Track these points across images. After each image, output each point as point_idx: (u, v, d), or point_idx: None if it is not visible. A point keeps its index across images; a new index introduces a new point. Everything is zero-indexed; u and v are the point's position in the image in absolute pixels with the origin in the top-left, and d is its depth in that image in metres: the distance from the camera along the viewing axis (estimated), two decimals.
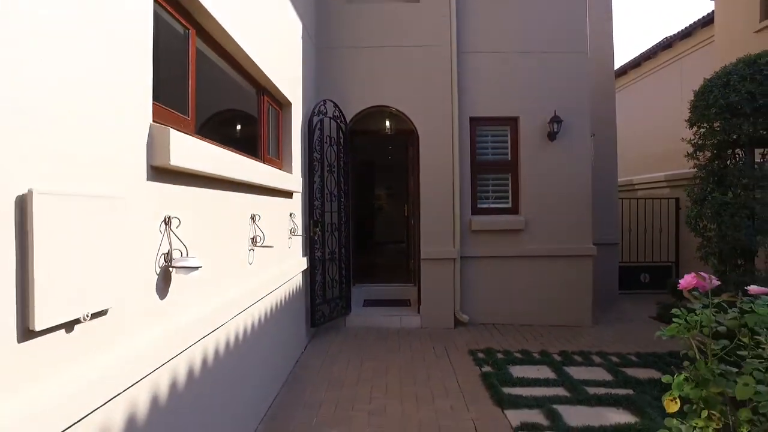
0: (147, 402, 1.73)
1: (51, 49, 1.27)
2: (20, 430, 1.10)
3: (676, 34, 11.68)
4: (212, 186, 2.38)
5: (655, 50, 12.61)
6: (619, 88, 14.29)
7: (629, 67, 14.17)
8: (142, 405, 1.69)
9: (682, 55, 11.66)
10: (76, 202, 1.32)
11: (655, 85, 12.81)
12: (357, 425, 3.16)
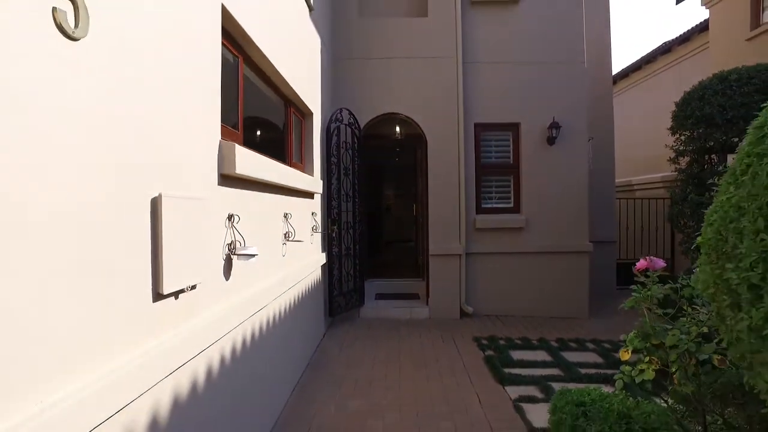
0: (231, 349, 2.20)
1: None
2: (158, 359, 1.57)
3: (675, 38, 12.03)
4: (258, 189, 2.85)
5: (654, 54, 12.99)
6: (621, 90, 14.70)
7: (630, 70, 14.54)
8: (230, 350, 2.16)
9: (681, 60, 12.02)
10: (182, 203, 1.79)
11: (655, 88, 13.16)
12: (376, 397, 3.62)
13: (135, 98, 1.54)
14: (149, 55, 1.63)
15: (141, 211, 1.57)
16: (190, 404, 1.87)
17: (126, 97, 1.49)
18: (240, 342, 2.49)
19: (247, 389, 2.61)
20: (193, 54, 2.00)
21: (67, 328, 1.21)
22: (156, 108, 1.67)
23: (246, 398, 2.59)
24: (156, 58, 1.68)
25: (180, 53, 1.87)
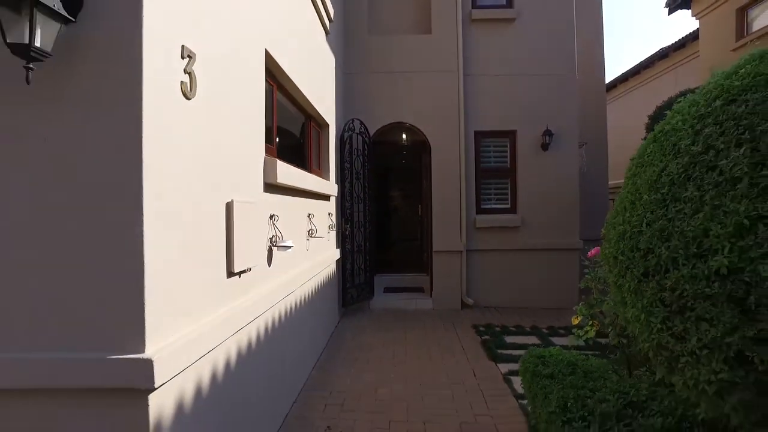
0: (271, 322, 2.81)
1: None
2: (228, 321, 2.18)
3: (671, 45, 12.52)
4: (289, 194, 3.46)
5: (652, 60, 13.50)
6: (620, 94, 15.21)
7: (630, 74, 15.07)
8: (274, 321, 2.78)
9: (677, 65, 12.52)
10: (243, 206, 2.40)
11: (653, 91, 13.63)
12: (385, 372, 4.22)
13: (219, 133, 2.15)
14: (226, 103, 2.24)
15: (221, 211, 2.18)
16: (244, 358, 2.49)
17: (214, 133, 2.10)
18: (277, 316, 3.10)
19: (283, 355, 3.22)
20: (249, 96, 2.62)
21: (183, 286, 1.83)
22: (229, 138, 2.29)
23: (281, 362, 3.20)
24: (230, 105, 2.29)
25: (241, 97, 2.49)
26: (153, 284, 1.60)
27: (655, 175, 1.37)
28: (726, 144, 1.16)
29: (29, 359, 1.53)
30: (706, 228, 1.11)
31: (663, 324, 1.26)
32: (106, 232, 1.55)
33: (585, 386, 2.13)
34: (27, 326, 1.55)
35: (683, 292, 1.16)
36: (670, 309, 1.23)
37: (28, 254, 1.56)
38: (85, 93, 1.56)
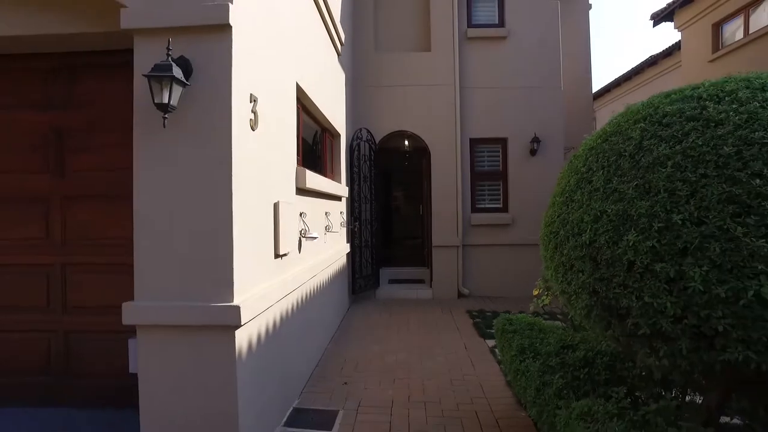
0: (298, 298, 3.61)
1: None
2: (277, 289, 2.97)
3: (660, 53, 13.23)
4: (313, 195, 4.25)
5: (642, 66, 14.22)
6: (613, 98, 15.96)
7: (622, 80, 15.78)
8: (302, 296, 3.57)
9: (665, 72, 13.23)
10: (284, 205, 3.20)
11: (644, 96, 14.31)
12: (390, 345, 5.01)
13: (269, 151, 2.95)
14: (273, 128, 3.04)
15: (270, 210, 2.98)
16: (285, 320, 3.28)
17: (266, 152, 2.90)
18: (305, 293, 3.90)
19: (309, 323, 4.02)
20: (286, 121, 3.41)
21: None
22: (275, 155, 3.09)
23: (308, 329, 4.00)
24: (275, 129, 3.09)
25: (282, 123, 3.28)
26: (237, 259, 2.40)
27: (564, 185, 2.15)
28: (597, 167, 1.93)
29: (174, 306, 2.34)
30: (582, 218, 1.88)
31: (563, 277, 2.04)
32: (214, 223, 2.35)
33: (537, 337, 2.91)
34: (169, 290, 2.36)
35: (570, 256, 1.93)
36: (565, 267, 2.00)
37: (168, 242, 2.36)
38: (196, 128, 2.36)
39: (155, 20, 2.35)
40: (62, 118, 2.99)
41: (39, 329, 3.00)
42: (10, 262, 2.99)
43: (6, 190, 2.99)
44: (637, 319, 1.66)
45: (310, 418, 3.21)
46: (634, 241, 1.63)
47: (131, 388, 2.76)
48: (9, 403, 2.98)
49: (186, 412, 2.40)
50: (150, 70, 2.17)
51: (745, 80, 1.75)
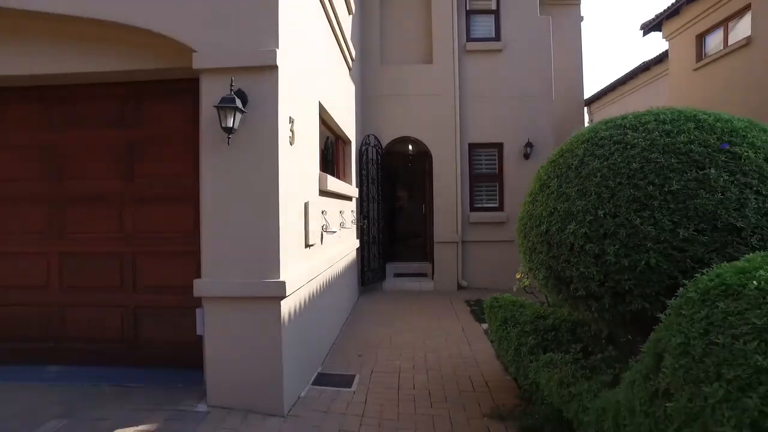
0: (322, 281, 4.31)
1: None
2: (306, 272, 3.67)
3: (652, 59, 13.87)
4: (330, 196, 4.95)
5: (636, 72, 14.87)
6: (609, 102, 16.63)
7: (618, 84, 16.42)
8: (325, 280, 4.26)
9: (657, 77, 13.86)
10: (311, 205, 3.90)
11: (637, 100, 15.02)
12: (396, 327, 5.70)
13: (301, 161, 3.65)
14: (303, 142, 3.74)
15: (302, 208, 3.68)
16: (312, 299, 3.98)
17: (300, 161, 3.60)
18: (326, 279, 4.60)
19: (329, 305, 4.72)
20: (312, 135, 4.11)
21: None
22: (305, 163, 3.79)
23: (328, 310, 4.70)
24: (305, 142, 3.79)
25: (309, 136, 3.98)
26: (281, 246, 3.10)
27: (532, 189, 2.84)
28: (553, 176, 2.62)
29: (237, 282, 3.05)
30: (541, 213, 2.57)
31: (529, 257, 2.73)
32: (264, 218, 3.06)
33: (517, 311, 3.60)
34: (229, 269, 3.07)
35: (533, 241, 2.62)
36: (531, 250, 2.69)
37: (230, 233, 3.07)
38: (249, 145, 3.06)
39: (219, 62, 3.05)
40: (132, 134, 3.70)
41: (115, 305, 3.72)
42: (95, 251, 3.70)
43: (90, 193, 3.70)
44: (576, 284, 2.35)
45: (332, 380, 3.91)
46: (574, 229, 2.32)
47: (185, 352, 3.49)
48: (90, 362, 3.69)
49: (241, 366, 3.10)
50: (219, 102, 2.87)
51: (655, 114, 2.44)
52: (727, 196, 2.03)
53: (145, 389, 3.37)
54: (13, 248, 3.78)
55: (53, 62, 3.42)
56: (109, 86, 3.68)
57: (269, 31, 3.06)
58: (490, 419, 3.18)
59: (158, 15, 3.11)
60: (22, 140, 3.77)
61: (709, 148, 2.17)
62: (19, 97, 3.74)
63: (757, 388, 1.27)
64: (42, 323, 3.77)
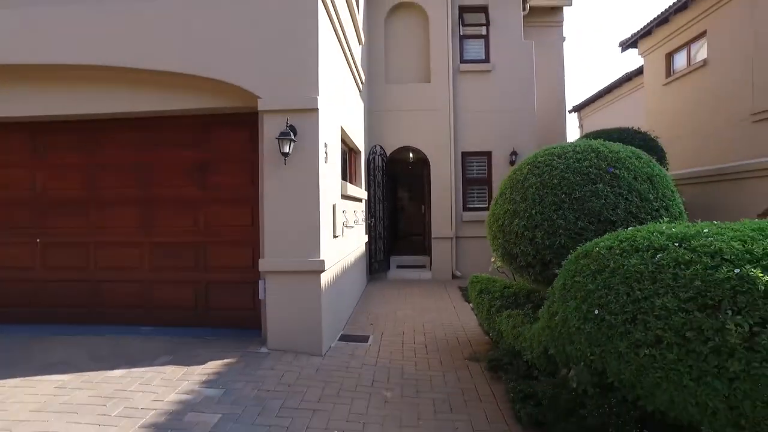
0: (343, 265, 5.57)
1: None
2: (335, 256, 4.94)
3: (633, 71, 15.11)
4: (348, 199, 6.22)
5: (620, 81, 16.14)
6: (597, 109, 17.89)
7: (604, 92, 17.73)
8: (345, 264, 5.53)
9: (639, 87, 15.08)
10: (337, 205, 5.16)
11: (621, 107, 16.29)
12: (399, 306, 6.97)
13: (331, 173, 4.91)
14: (333, 158, 5.00)
15: (331, 208, 4.95)
16: (337, 277, 5.24)
17: (330, 173, 4.86)
18: (345, 264, 5.85)
19: (348, 285, 5.98)
20: (336, 150, 5.38)
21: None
22: (333, 174, 5.05)
23: (348, 290, 5.96)
24: (332, 158, 5.05)
25: (335, 154, 5.24)
26: (321, 234, 4.37)
27: (496, 196, 4.11)
28: (508, 187, 3.88)
29: (295, 258, 4.31)
30: (500, 212, 3.82)
31: (493, 242, 3.99)
32: (309, 218, 4.33)
33: (490, 284, 4.86)
34: (283, 252, 4.34)
35: (495, 231, 3.87)
36: (494, 237, 3.95)
37: (284, 226, 4.33)
38: (299, 164, 4.33)
39: (276, 106, 4.32)
40: (203, 154, 4.96)
41: (191, 281, 4.98)
42: (176, 241, 4.97)
43: (175, 197, 4.97)
44: (520, 258, 3.62)
45: (352, 338, 5.17)
46: (518, 222, 3.59)
47: (243, 316, 4.76)
48: (172, 324, 4.96)
49: (291, 321, 4.37)
50: (279, 135, 4.14)
51: (573, 146, 3.71)
52: (608, 201, 3.31)
53: (218, 341, 4.64)
54: (116, 239, 5.06)
55: (151, 102, 4.69)
56: (186, 118, 4.94)
57: (312, 83, 4.33)
58: (468, 360, 4.44)
59: (233, 71, 4.37)
60: (123, 159, 5.04)
61: (600, 170, 3.44)
62: (122, 127, 5.01)
63: (587, 299, 2.54)
64: (137, 294, 5.05)
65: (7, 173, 5.16)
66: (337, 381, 3.82)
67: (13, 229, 5.16)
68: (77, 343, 4.57)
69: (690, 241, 2.32)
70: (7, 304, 5.14)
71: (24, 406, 3.21)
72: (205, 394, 3.45)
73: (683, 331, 2.06)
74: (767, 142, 8.07)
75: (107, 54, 4.46)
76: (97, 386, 3.56)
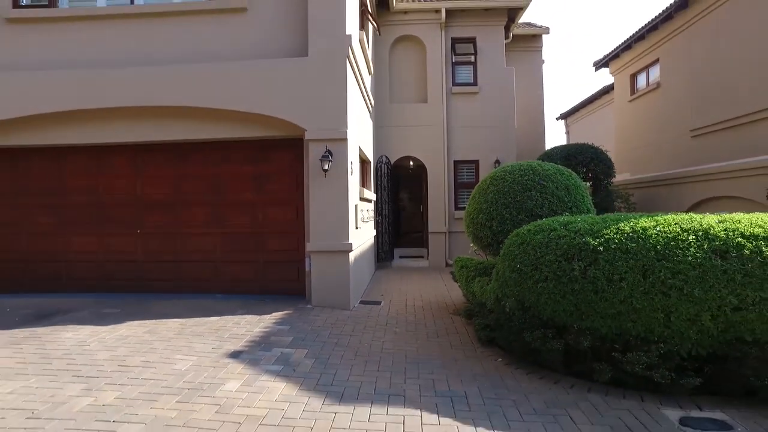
0: (362, 250, 7.44)
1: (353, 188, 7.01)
2: (358, 242, 6.81)
3: (610, 85, 16.92)
4: (363, 200, 8.09)
5: (600, 93, 18.03)
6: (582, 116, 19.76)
7: (587, 102, 19.62)
8: (362, 250, 7.39)
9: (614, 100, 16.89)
10: (358, 205, 7.03)
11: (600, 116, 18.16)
12: (403, 284, 8.84)
13: (354, 181, 6.77)
14: (354, 170, 6.87)
15: (353, 208, 6.82)
16: (356, 260, 7.10)
17: (354, 182, 6.72)
18: (362, 250, 7.72)
19: (366, 265, 7.84)
20: (356, 165, 7.25)
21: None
22: (354, 182, 6.92)
23: (362, 268, 7.83)
24: (355, 171, 6.92)
25: (356, 166, 7.11)
26: (349, 228, 6.24)
27: (470, 200, 5.97)
28: (477, 193, 5.73)
29: (332, 242, 6.19)
30: (472, 210, 5.66)
31: (467, 230, 5.85)
32: (341, 214, 6.21)
33: (469, 261, 6.73)
34: (324, 237, 6.22)
35: (468, 223, 5.73)
36: (467, 226, 5.80)
37: (324, 220, 6.22)
38: (333, 176, 6.20)
39: (317, 136, 6.19)
40: (260, 169, 6.83)
41: (252, 260, 6.85)
42: (240, 232, 6.85)
43: (239, 200, 6.84)
44: (483, 240, 5.50)
45: (369, 303, 7.03)
46: (482, 216, 5.47)
47: (290, 286, 6.62)
48: (238, 292, 6.83)
49: (329, 286, 6.23)
50: (320, 157, 6.01)
51: (519, 165, 5.59)
52: (537, 202, 5.19)
53: (275, 302, 6.50)
54: (196, 231, 6.93)
55: (227, 132, 6.57)
56: (248, 142, 6.81)
57: (342, 121, 6.21)
58: (452, 314, 6.32)
59: (288, 111, 6.25)
60: (200, 172, 6.92)
61: (535, 183, 5.32)
62: (201, 148, 6.89)
63: (515, 259, 4.41)
64: (211, 271, 6.92)
65: (116, 183, 7.04)
66: (362, 322, 5.71)
67: (121, 223, 7.03)
68: (173, 304, 6.44)
69: (567, 225, 4.19)
70: (119, 278, 7.02)
71: (168, 332, 5.09)
72: (278, 328, 5.33)
73: (557, 272, 3.93)
74: (703, 154, 9.95)
75: (200, 98, 6.33)
76: (205, 324, 5.43)
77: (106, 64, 6.55)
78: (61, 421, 3.06)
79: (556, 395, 3.67)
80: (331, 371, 4.10)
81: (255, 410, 3.28)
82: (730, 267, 3.30)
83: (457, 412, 3.35)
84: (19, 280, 7.02)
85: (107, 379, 3.80)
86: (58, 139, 6.74)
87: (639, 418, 3.25)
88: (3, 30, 6.58)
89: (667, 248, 3.51)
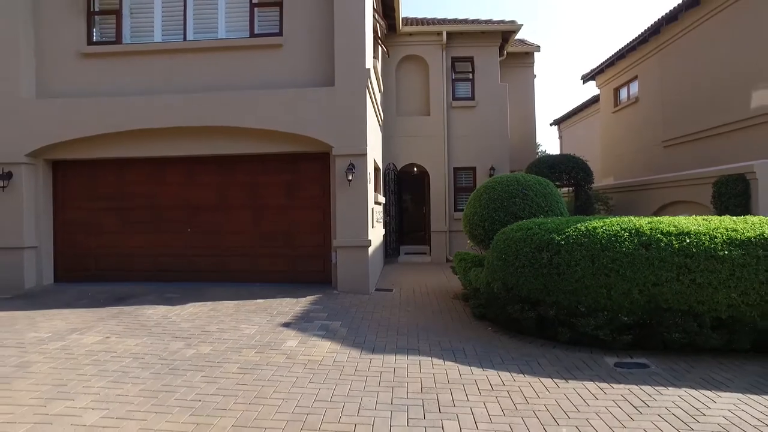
0: (375, 246, 8.77)
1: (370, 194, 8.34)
2: (373, 239, 8.14)
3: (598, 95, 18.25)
4: (376, 204, 9.41)
5: (590, 102, 19.36)
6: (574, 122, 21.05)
7: (579, 109, 20.96)
8: (376, 246, 8.72)
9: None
10: (374, 208, 8.36)
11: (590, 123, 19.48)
12: (409, 276, 10.17)
13: (370, 189, 8.10)
14: (371, 179, 8.20)
15: (370, 210, 8.15)
16: (372, 254, 8.43)
17: (371, 189, 8.05)
18: (376, 245, 9.04)
19: (377, 260, 9.17)
20: (371, 174, 8.58)
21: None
22: (371, 189, 8.26)
23: (376, 262, 9.16)
24: (371, 180, 8.26)
25: (371, 176, 8.43)
26: (368, 227, 7.57)
27: (467, 204, 7.30)
28: (474, 199, 7.06)
29: (354, 239, 7.53)
30: (468, 213, 6.99)
31: (464, 228, 7.18)
32: (361, 215, 7.55)
33: (467, 255, 8.06)
34: (347, 235, 7.56)
35: (466, 223, 7.05)
36: (465, 227, 7.12)
37: (347, 220, 7.56)
38: (355, 185, 7.53)
39: (342, 152, 7.52)
40: (291, 179, 8.16)
41: (284, 255, 8.18)
42: (275, 230, 8.18)
43: (274, 204, 8.18)
44: (477, 237, 6.85)
45: (383, 290, 8.35)
46: (477, 218, 6.82)
47: (317, 276, 7.96)
48: (273, 281, 8.15)
49: (351, 274, 7.56)
50: (345, 169, 7.35)
51: (507, 177, 6.94)
52: (520, 207, 6.54)
53: (306, 289, 7.82)
54: (237, 230, 8.26)
55: (260, 147, 7.88)
56: (282, 155, 8.13)
57: (363, 139, 7.54)
58: (452, 299, 7.65)
59: (317, 131, 7.57)
60: (242, 180, 8.25)
61: (518, 191, 6.66)
62: (242, 160, 8.22)
63: (501, 251, 5.75)
64: (248, 262, 8.25)
65: (171, 189, 8.36)
66: (380, 303, 7.05)
67: (173, 224, 8.36)
68: (221, 290, 7.76)
69: (540, 225, 5.52)
70: (171, 269, 8.35)
71: (227, 310, 6.42)
72: (313, 307, 6.66)
73: (531, 260, 5.26)
74: (672, 163, 11.31)
75: (242, 120, 7.66)
76: (255, 305, 6.76)
77: (164, 91, 7.88)
78: (181, 361, 4.40)
79: (529, 350, 5.01)
80: (362, 335, 5.44)
81: (313, 357, 4.62)
82: (651, 255, 4.64)
83: (457, 359, 4.69)
84: (91, 271, 8.35)
85: (198, 338, 5.14)
86: (123, 152, 8.07)
87: (586, 363, 4.59)
88: (81, 63, 7.89)
89: (609, 242, 4.85)
